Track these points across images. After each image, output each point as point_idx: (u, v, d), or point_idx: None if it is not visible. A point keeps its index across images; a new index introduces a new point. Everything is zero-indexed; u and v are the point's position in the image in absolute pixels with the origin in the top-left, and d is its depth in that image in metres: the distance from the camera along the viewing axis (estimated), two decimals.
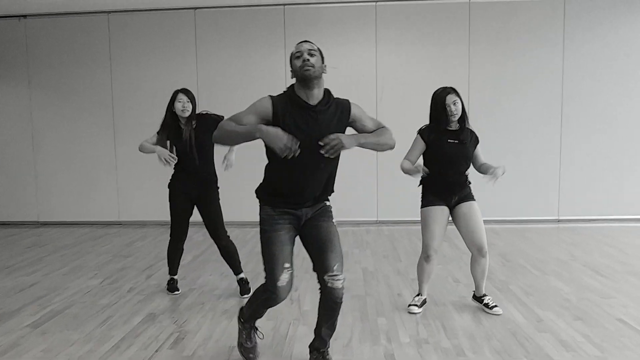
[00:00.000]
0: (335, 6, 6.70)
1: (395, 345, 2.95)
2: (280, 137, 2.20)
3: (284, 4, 6.70)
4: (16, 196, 7.23)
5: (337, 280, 2.43)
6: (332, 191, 2.57)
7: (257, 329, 2.79)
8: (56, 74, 7.00)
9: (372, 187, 6.89)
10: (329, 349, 2.68)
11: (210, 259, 5.01)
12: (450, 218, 3.48)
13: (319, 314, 2.60)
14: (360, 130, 2.49)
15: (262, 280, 2.55)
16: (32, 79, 7.05)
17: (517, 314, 3.41)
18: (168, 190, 3.92)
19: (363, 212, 6.91)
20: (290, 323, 3.30)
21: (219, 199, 3.90)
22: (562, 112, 6.65)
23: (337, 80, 6.71)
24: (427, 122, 3.52)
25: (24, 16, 6.93)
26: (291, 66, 2.41)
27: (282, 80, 6.63)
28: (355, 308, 3.57)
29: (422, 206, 3.47)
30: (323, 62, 2.40)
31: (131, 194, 7.04)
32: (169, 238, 3.94)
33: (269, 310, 2.69)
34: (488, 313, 3.41)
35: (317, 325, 2.63)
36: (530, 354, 2.80)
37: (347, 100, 2.47)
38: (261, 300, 2.56)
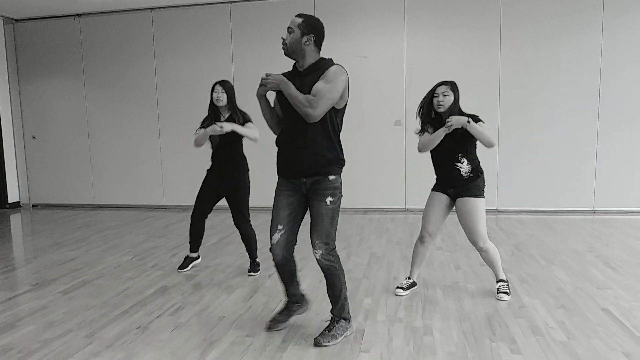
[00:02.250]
0: None
1: (369, 323, 3.15)
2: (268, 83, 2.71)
3: None
4: (74, 181, 7.99)
5: (316, 253, 2.78)
6: (330, 163, 2.74)
7: (289, 309, 3.11)
8: (107, 69, 7.65)
9: (400, 176, 7.00)
10: (340, 320, 2.91)
11: (234, 241, 5.37)
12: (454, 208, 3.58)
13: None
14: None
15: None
16: (87, 73, 7.73)
17: (502, 301, 3.49)
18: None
19: (391, 200, 7.05)
20: (282, 299, 3.57)
21: (246, 186, 4.15)
22: (600, 101, 6.44)
23: (366, 67, 6.89)
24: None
25: (79, 15, 7.61)
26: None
27: None
28: (348, 289, 3.78)
29: (432, 189, 3.64)
30: (305, 35, 2.67)
31: (175, 179, 7.58)
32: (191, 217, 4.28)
33: (265, 285, 2.96)
34: (495, 298, 3.51)
35: None
36: (495, 336, 2.92)
37: (332, 65, 2.70)
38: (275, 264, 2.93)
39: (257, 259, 4.31)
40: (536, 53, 6.50)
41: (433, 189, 3.63)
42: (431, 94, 3.50)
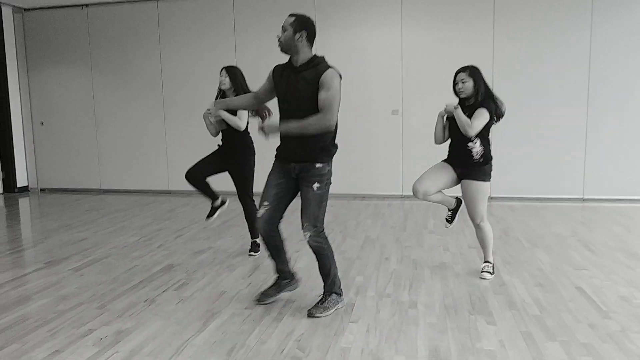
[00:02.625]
0: None
1: (360, 297, 3.41)
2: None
3: None
4: (82, 166, 8.25)
5: (305, 235, 3.05)
6: (319, 152, 2.98)
7: (279, 284, 3.37)
8: (114, 58, 7.87)
9: (397, 163, 7.23)
10: (331, 295, 3.17)
11: (236, 224, 5.62)
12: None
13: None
14: (318, 99, 2.92)
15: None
16: (94, 62, 7.95)
17: (484, 279, 3.74)
18: None
19: (389, 187, 7.28)
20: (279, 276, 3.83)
21: (250, 167, 4.33)
22: (589, 93, 6.64)
23: (365, 58, 7.10)
24: (451, 99, 3.84)
25: (86, 5, 7.82)
26: None
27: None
28: (341, 268, 4.02)
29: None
30: (297, 32, 2.94)
31: (179, 165, 7.81)
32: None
33: (264, 264, 3.30)
34: (480, 277, 3.76)
35: None
36: (474, 310, 3.17)
37: (326, 69, 2.92)
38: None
39: (258, 240, 4.55)
40: (528, 43, 6.69)
41: (443, 159, 3.85)
42: (453, 83, 3.68)
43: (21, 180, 8.34)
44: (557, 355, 2.57)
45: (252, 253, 4.44)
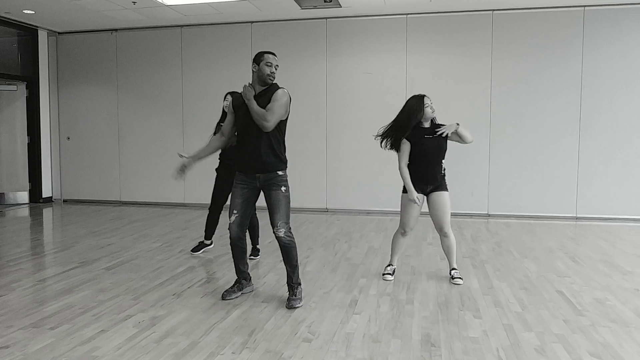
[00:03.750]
0: (371, 18, 7.58)
1: (363, 295, 3.85)
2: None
3: (326, 18, 7.68)
4: (103, 179, 8.77)
5: (280, 231, 3.53)
6: (279, 162, 3.54)
7: (240, 282, 3.82)
8: (138, 78, 8.45)
9: (400, 181, 7.67)
10: (299, 286, 3.66)
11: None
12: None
13: (282, 256, 3.63)
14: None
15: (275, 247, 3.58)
16: (120, 82, 8.54)
17: (475, 283, 4.17)
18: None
19: (391, 203, 7.71)
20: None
21: None
22: (581, 118, 7.12)
23: (372, 82, 7.63)
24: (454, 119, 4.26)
25: (116, 30, 8.43)
26: (257, 65, 3.52)
27: (323, 85, 7.65)
28: (346, 272, 4.49)
29: (403, 191, 4.23)
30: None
31: (195, 180, 8.32)
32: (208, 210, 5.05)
33: (277, 267, 3.80)
34: (451, 282, 4.18)
35: (284, 263, 3.66)
36: (464, 307, 3.60)
37: (278, 88, 3.51)
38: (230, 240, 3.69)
39: (258, 246, 5.04)
40: (523, 67, 7.21)
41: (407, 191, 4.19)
42: (419, 107, 4.13)
43: (46, 191, 8.86)
44: (532, 342, 3.00)
45: (252, 257, 4.91)
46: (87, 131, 8.80)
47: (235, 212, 3.60)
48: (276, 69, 3.54)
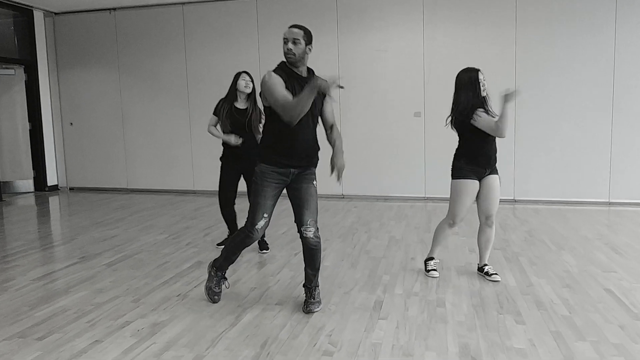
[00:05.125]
0: None
1: (388, 295, 3.46)
2: (323, 82, 2.80)
3: None
4: (109, 166, 8.44)
5: (309, 231, 3.10)
6: (317, 157, 3.17)
7: (226, 279, 3.40)
8: (141, 60, 8.05)
9: (420, 165, 7.25)
10: (317, 288, 3.25)
11: None
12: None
13: (303, 257, 3.20)
14: (323, 112, 3.12)
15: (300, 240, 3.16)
16: (121, 64, 8.14)
17: (511, 279, 3.76)
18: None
19: (411, 189, 7.31)
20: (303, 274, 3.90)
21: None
22: (614, 94, 6.59)
23: (387, 61, 7.15)
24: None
25: (114, 9, 8.02)
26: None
27: (334, 63, 7.19)
28: (367, 267, 4.10)
29: (456, 177, 3.69)
30: (309, 44, 3.01)
31: (204, 166, 7.96)
32: (219, 204, 4.65)
33: (294, 264, 3.31)
34: (487, 280, 3.77)
35: (305, 265, 3.23)
36: (502, 309, 3.20)
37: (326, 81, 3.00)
38: (238, 241, 3.21)
39: (265, 238, 4.66)
40: (551, 47, 6.66)
41: (465, 177, 3.65)
42: (475, 82, 3.64)
43: (51, 179, 8.56)
44: (588, 355, 2.59)
45: (262, 251, 4.53)
46: (90, 116, 8.44)
47: (265, 215, 3.10)
48: (294, 44, 2.95)
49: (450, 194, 3.78)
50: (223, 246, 4.64)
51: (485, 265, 3.85)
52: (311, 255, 3.17)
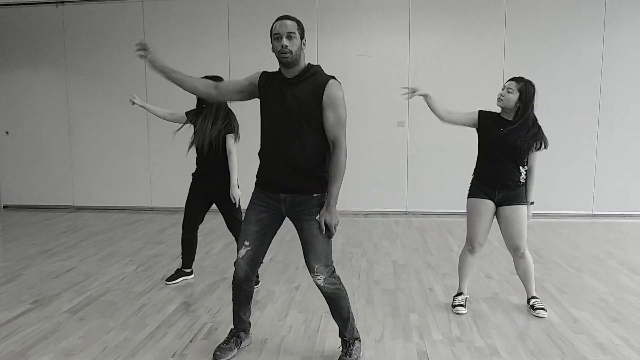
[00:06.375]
0: None
1: (428, 342, 2.93)
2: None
3: None
4: (52, 180, 7.42)
5: (318, 279, 2.51)
6: (319, 180, 2.47)
7: (238, 336, 2.78)
8: (92, 61, 7.12)
9: (402, 178, 6.82)
10: (356, 341, 2.69)
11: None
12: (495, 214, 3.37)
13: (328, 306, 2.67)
14: (324, 121, 2.40)
15: (293, 267, 2.56)
16: (69, 65, 7.18)
17: (552, 314, 3.35)
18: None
19: (392, 203, 6.86)
20: (321, 317, 3.31)
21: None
22: (600, 105, 6.45)
23: (370, 66, 6.67)
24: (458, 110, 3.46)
25: (62, 2, 7.05)
26: (271, 42, 2.42)
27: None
28: (386, 303, 3.57)
29: (469, 197, 3.37)
30: (303, 38, 2.42)
31: (163, 180, 7.15)
32: (182, 228, 3.97)
33: (300, 302, 2.69)
34: (532, 314, 3.33)
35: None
36: (566, 355, 2.75)
37: (327, 80, 2.39)
38: (232, 280, 2.67)
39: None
40: (539, 52, 6.44)
41: (475, 196, 3.34)
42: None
43: None
44: None
45: (255, 286, 3.87)
46: (31, 123, 7.39)
47: (246, 244, 2.54)
48: (289, 39, 2.34)
49: (466, 215, 3.41)
50: (173, 282, 3.99)
51: (533, 297, 3.41)
52: (331, 304, 2.60)
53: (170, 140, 6.98)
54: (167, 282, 4.00)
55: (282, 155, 2.43)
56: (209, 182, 3.83)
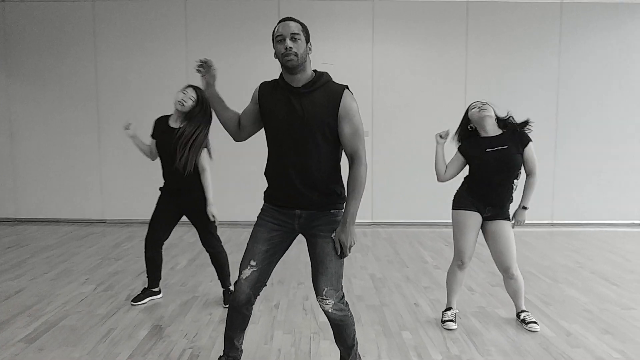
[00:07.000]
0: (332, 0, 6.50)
1: None
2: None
3: None
4: None
5: (326, 304, 2.29)
6: (338, 196, 2.31)
7: None
8: (37, 64, 6.59)
9: (367, 188, 6.71)
10: None
11: (207, 262, 4.74)
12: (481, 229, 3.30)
13: (333, 332, 2.46)
14: (340, 135, 2.24)
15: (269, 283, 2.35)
16: (11, 68, 6.61)
17: (543, 327, 3.29)
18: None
19: (358, 214, 6.72)
20: (309, 337, 3.10)
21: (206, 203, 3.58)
22: (558, 115, 6.63)
23: (333, 75, 6.52)
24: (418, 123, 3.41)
25: (2, 0, 6.49)
26: (273, 47, 2.22)
27: (274, 73, 6.41)
28: (375, 321, 3.40)
29: (455, 208, 3.27)
30: (308, 42, 2.24)
31: (116, 191, 6.70)
32: (144, 244, 3.67)
33: (283, 322, 2.48)
34: (524, 329, 3.26)
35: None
36: None
37: (342, 90, 2.24)
38: (229, 302, 2.42)
39: (231, 287, 3.71)
40: (500, 63, 6.57)
41: (464, 207, 3.25)
42: (466, 120, 3.31)
43: None
44: None
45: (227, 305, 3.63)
46: None
47: (252, 264, 2.29)
48: (294, 41, 2.14)
49: (452, 229, 3.31)
50: (140, 302, 3.67)
51: (523, 311, 3.35)
52: (336, 331, 2.40)
53: (123, 149, 6.53)
54: (133, 303, 3.66)
55: (296, 170, 2.22)
56: (183, 198, 3.55)
